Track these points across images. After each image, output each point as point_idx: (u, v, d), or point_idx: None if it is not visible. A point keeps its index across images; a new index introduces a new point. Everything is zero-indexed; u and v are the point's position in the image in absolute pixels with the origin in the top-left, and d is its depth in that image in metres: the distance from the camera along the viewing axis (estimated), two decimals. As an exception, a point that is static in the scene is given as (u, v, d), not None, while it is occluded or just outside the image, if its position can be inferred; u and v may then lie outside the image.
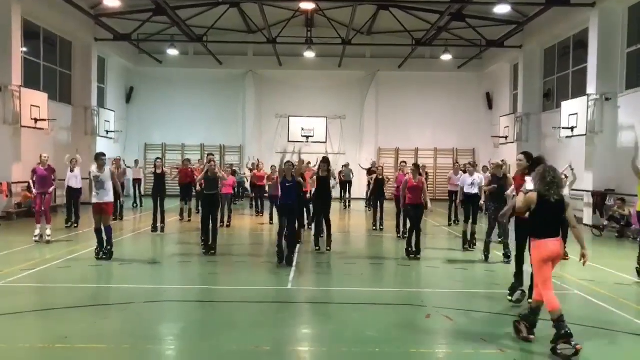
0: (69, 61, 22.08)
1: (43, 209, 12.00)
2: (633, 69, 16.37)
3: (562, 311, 5.43)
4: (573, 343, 5.27)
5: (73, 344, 5.59)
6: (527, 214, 5.83)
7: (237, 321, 6.46)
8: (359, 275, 9.39)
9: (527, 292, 7.16)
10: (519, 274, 7.41)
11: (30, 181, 13.31)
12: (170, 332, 6.25)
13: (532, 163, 7.12)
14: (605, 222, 15.19)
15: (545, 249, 5.59)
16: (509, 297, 7.40)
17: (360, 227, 16.62)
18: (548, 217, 5.65)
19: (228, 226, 15.31)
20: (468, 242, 11.78)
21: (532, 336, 5.75)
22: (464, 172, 12.92)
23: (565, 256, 11.02)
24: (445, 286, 8.74)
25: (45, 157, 12.47)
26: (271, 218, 16.33)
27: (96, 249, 10.16)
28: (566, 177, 10.53)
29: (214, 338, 5.91)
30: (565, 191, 9.51)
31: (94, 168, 10.15)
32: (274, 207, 15.98)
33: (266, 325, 6.34)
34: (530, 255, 5.79)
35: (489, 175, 11.37)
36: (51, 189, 12.38)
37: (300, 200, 13.11)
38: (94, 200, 10.09)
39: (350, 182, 22.79)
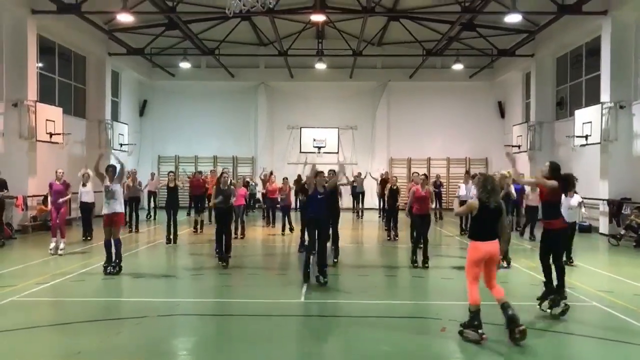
0: (83, 76, 22.37)
1: (58, 222, 12.14)
2: (647, 76, 16.22)
3: (480, 307, 6.09)
4: (480, 332, 5.99)
5: (87, 359, 5.59)
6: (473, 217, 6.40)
7: (250, 335, 6.43)
8: (373, 288, 9.32)
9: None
10: (548, 283, 7.43)
11: (49, 195, 13.50)
12: (183, 347, 6.24)
13: (555, 172, 7.41)
14: (622, 232, 14.97)
15: (480, 250, 6.17)
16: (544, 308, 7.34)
17: (373, 237, 16.54)
18: (486, 222, 6.26)
19: (242, 237, 15.32)
20: None
21: (484, 335, 5.99)
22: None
23: (570, 262, 11.08)
24: (460, 298, 8.63)
25: (60, 172, 12.66)
26: (283, 229, 16.48)
27: (104, 263, 10.14)
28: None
29: (228, 352, 5.88)
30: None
31: (106, 180, 10.23)
32: (286, 217, 16.16)
33: (280, 340, 6.30)
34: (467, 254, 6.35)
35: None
36: (62, 200, 12.45)
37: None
38: (104, 212, 10.15)
39: (363, 193, 22.79)
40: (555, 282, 7.39)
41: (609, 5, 16.65)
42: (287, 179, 17.64)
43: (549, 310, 7.25)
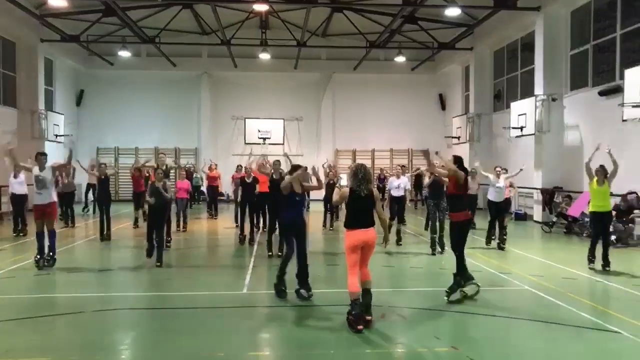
0: (12, 62, 21.23)
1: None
2: (577, 70, 17.01)
3: (358, 296, 6.20)
4: (360, 322, 6.06)
5: (16, 357, 5.35)
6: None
7: (190, 328, 6.33)
8: (315, 277, 9.36)
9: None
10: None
11: None
12: (120, 342, 6.07)
13: (458, 163, 7.82)
14: (554, 219, 15.71)
15: (354, 238, 6.30)
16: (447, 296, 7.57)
17: (317, 228, 16.59)
18: (358, 210, 6.38)
19: (184, 231, 15.04)
20: (396, 240, 12.51)
21: (360, 326, 6.05)
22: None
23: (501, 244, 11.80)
24: (397, 285, 8.85)
25: None
26: (236, 220, 15.37)
27: (36, 256, 9.68)
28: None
29: (167, 346, 5.78)
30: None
31: (35, 169, 9.75)
32: (240, 209, 14.11)
33: (220, 331, 6.24)
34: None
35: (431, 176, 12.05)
36: None
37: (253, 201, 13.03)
38: (35, 203, 9.66)
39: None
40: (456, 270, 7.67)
41: (542, 2, 17.33)
42: (241, 166, 16.03)
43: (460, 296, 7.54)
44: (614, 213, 12.84)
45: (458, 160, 7.91)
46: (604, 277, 9.15)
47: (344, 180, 6.50)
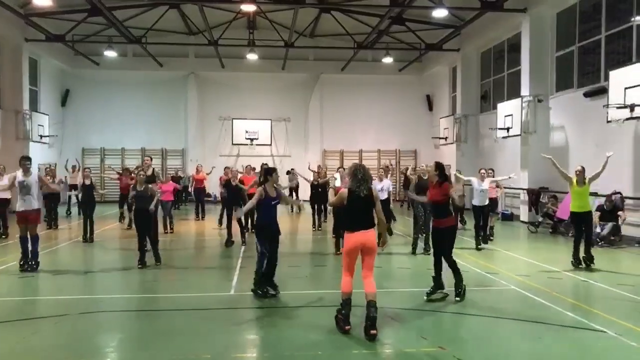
0: (-4, 62, 20.99)
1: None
2: (562, 71, 17.16)
3: (349, 297, 6.10)
4: (345, 325, 6.01)
5: (-1, 361, 5.28)
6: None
7: (177, 330, 6.28)
8: (303, 278, 9.37)
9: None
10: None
11: None
12: (106, 344, 6.00)
13: (439, 170, 7.86)
14: (540, 219, 15.83)
15: (353, 240, 6.07)
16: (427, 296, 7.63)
17: (304, 229, 16.57)
18: (358, 211, 6.15)
19: (171, 232, 14.94)
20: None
21: (347, 326, 6.02)
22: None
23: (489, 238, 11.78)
24: (386, 285, 8.84)
25: None
26: (220, 222, 15.71)
27: (20, 260, 9.60)
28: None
29: (153, 348, 5.72)
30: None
31: (19, 173, 9.63)
32: (225, 210, 14.40)
33: (207, 333, 6.20)
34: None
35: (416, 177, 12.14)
36: None
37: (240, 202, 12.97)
38: (18, 208, 9.54)
39: (296, 188, 21.74)
40: (452, 278, 7.67)
41: (528, 3, 17.46)
42: (229, 168, 15.62)
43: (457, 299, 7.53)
44: (598, 214, 13.05)
45: (439, 167, 7.92)
46: (589, 277, 9.23)
47: (338, 181, 6.46)
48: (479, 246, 12.13)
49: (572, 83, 16.53)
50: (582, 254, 9.98)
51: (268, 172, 7.93)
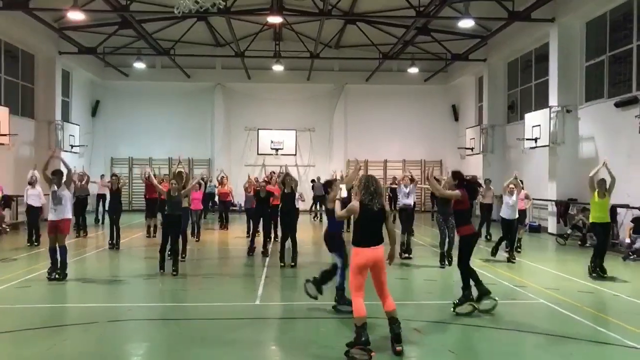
0: (31, 74, 21.58)
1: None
2: (592, 81, 16.87)
3: (366, 320, 5.63)
4: (369, 348, 5.49)
5: (31, 367, 5.39)
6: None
7: (203, 339, 6.33)
8: (326, 289, 9.32)
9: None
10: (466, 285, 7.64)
11: None
12: (135, 352, 6.09)
13: (458, 180, 7.79)
14: (569, 231, 15.52)
15: (362, 257, 5.71)
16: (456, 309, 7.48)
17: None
18: (369, 226, 5.80)
19: (197, 241, 15.10)
20: (403, 250, 12.28)
21: (373, 352, 5.55)
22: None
23: (514, 256, 11.86)
24: (413, 298, 8.78)
25: None
26: (248, 232, 15.30)
27: (49, 269, 9.79)
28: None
29: (180, 357, 5.77)
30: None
31: (53, 185, 9.87)
32: (251, 220, 14.56)
33: (233, 343, 6.23)
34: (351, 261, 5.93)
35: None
36: None
37: (267, 212, 13.09)
38: (49, 218, 9.76)
39: (323, 197, 21.85)
40: (463, 285, 7.59)
41: (556, 13, 17.26)
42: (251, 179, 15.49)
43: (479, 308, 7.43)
44: (631, 225, 12.79)
45: (458, 177, 7.85)
46: (621, 291, 9.00)
47: (344, 192, 6.36)
48: (512, 260, 11.90)
49: (602, 93, 16.23)
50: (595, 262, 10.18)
51: (328, 185, 7.83)
